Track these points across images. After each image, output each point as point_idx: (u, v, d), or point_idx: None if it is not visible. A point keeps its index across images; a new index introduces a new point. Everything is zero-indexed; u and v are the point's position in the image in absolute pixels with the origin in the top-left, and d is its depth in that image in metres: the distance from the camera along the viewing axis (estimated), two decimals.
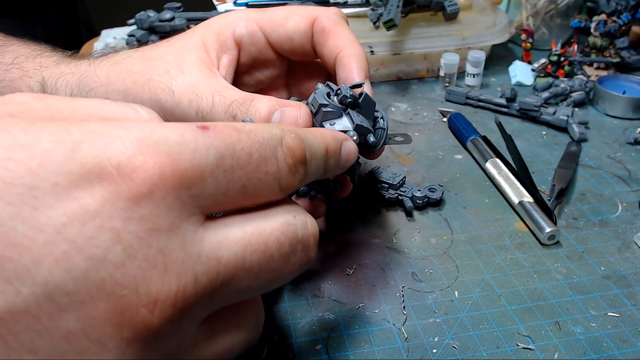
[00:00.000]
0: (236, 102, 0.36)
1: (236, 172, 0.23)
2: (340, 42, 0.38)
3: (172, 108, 0.37)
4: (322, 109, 0.34)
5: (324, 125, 0.34)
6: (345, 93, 0.34)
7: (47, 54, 0.43)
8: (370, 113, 0.37)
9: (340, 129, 0.34)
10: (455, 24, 0.72)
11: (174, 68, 0.38)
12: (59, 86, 0.40)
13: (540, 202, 0.48)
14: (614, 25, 0.72)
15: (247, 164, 0.23)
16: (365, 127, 0.35)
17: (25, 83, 0.41)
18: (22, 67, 0.42)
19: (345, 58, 0.38)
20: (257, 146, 0.24)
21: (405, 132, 0.62)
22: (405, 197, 0.49)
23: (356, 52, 0.38)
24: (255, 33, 0.40)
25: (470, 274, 0.43)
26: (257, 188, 0.24)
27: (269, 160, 0.24)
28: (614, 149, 0.59)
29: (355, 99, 0.35)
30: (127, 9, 0.86)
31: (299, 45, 0.40)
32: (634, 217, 0.49)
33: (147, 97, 0.37)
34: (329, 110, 0.34)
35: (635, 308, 0.40)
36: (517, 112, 0.64)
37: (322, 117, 0.34)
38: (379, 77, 0.74)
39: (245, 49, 0.40)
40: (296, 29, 0.39)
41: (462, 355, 0.36)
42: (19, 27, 0.87)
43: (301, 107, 0.35)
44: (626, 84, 0.68)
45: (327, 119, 0.34)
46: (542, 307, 0.40)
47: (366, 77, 0.38)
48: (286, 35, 0.40)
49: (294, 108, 0.35)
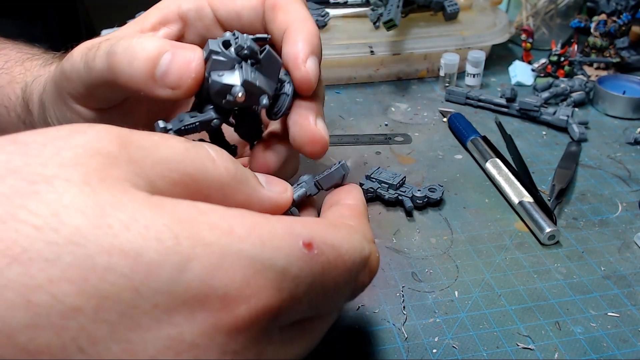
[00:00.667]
0: (118, 37, 0.32)
1: (320, 299, 0.23)
2: (289, 18, 0.34)
3: (70, 71, 0.33)
4: (213, 56, 0.30)
5: (211, 74, 0.30)
6: (241, 43, 0.30)
7: (36, 57, 0.43)
8: (273, 73, 0.32)
9: (227, 82, 0.30)
10: (455, 24, 0.72)
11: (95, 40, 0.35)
12: (33, 89, 0.39)
13: (540, 202, 0.48)
14: (614, 25, 0.72)
15: (332, 292, 0.24)
16: (256, 86, 0.30)
17: (12, 89, 0.41)
18: (10, 72, 0.42)
19: (292, 32, 0.34)
20: (347, 274, 0.24)
21: (405, 132, 0.62)
22: (405, 197, 0.49)
23: (306, 28, 0.34)
24: (202, 8, 0.36)
25: (470, 274, 0.43)
26: (330, 306, 0.25)
27: (351, 284, 0.25)
28: (614, 149, 0.59)
29: (254, 52, 0.30)
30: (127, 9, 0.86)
31: (248, 23, 0.36)
32: (634, 217, 0.49)
33: (58, 72, 0.35)
34: (219, 59, 0.30)
35: (635, 308, 0.40)
36: (517, 112, 0.64)
37: (211, 65, 0.30)
38: (379, 77, 0.74)
39: (191, 25, 0.37)
40: (245, 5, 0.36)
41: (462, 355, 0.36)
42: (19, 27, 0.87)
43: (196, 50, 0.31)
44: (626, 84, 0.68)
45: (216, 69, 0.30)
46: (542, 307, 0.40)
47: (313, 53, 0.33)
48: (235, 11, 0.36)
49: (188, 50, 0.31)
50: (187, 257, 0.18)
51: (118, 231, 0.18)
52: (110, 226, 0.18)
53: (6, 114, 0.41)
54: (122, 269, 0.18)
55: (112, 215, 0.18)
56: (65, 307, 0.17)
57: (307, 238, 0.22)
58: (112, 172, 0.20)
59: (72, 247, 0.17)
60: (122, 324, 0.17)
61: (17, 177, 0.18)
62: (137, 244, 0.18)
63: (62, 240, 0.17)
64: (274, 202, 0.28)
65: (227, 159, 0.25)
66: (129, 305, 0.18)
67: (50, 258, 0.17)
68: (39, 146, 0.20)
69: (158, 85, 0.31)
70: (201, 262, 0.19)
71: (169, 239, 0.18)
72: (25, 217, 0.17)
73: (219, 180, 0.24)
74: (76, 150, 0.20)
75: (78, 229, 0.18)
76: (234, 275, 0.19)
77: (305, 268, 0.22)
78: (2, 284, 0.17)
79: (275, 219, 0.22)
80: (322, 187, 0.33)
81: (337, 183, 0.33)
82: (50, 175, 0.19)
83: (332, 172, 0.33)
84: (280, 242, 0.21)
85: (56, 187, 0.18)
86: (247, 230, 0.20)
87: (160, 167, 0.22)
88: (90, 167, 0.20)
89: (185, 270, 0.18)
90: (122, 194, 0.19)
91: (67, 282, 0.17)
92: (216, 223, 0.20)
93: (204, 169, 0.24)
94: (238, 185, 0.25)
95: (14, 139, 0.20)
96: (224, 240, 0.20)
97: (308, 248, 0.22)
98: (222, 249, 0.19)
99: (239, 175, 0.25)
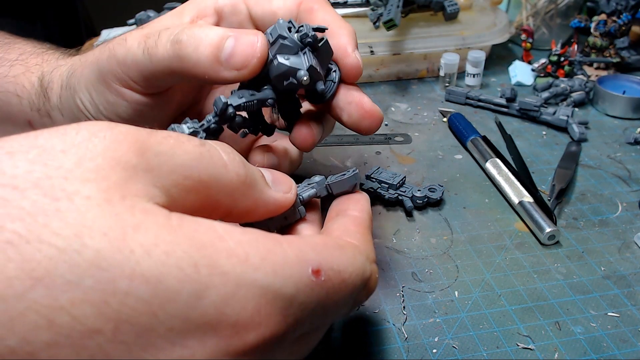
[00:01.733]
0: (182, 26, 0.34)
1: (320, 319, 0.25)
2: (328, 18, 0.37)
3: (124, 57, 0.35)
4: (280, 40, 0.33)
5: (277, 57, 0.33)
6: (307, 31, 0.33)
7: (51, 51, 0.44)
8: (325, 61, 0.35)
9: (293, 65, 0.32)
10: (455, 24, 0.72)
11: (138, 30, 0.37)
12: (53, 77, 0.40)
13: (540, 202, 0.48)
14: (614, 25, 0.72)
15: (332, 312, 0.25)
16: (318, 72, 0.33)
17: (27, 78, 0.41)
18: (25, 64, 0.42)
19: (336, 29, 0.37)
20: (348, 296, 0.25)
21: (405, 132, 0.62)
22: (405, 197, 0.49)
23: (347, 27, 0.37)
24: (237, 5, 0.39)
25: (470, 274, 0.43)
26: (327, 323, 0.26)
27: (349, 303, 0.27)
28: (614, 149, 0.59)
29: (316, 40, 0.33)
30: (127, 9, 0.86)
31: None
32: (634, 217, 0.49)
33: (105, 58, 0.36)
34: (286, 44, 0.33)
35: (635, 308, 0.40)
36: (517, 112, 0.64)
37: (278, 48, 0.33)
38: (379, 77, 0.74)
39: (226, 19, 0.39)
40: (281, 6, 0.38)
41: (462, 355, 0.36)
42: (19, 27, 0.87)
43: (259, 34, 0.33)
44: (626, 84, 0.68)
45: (282, 52, 0.33)
46: (542, 307, 0.40)
47: (355, 47, 0.37)
48: (270, 11, 0.38)
49: (251, 35, 0.33)
50: (204, 286, 0.19)
51: (140, 257, 0.18)
52: (132, 251, 0.18)
53: (18, 102, 0.42)
54: (142, 295, 0.18)
55: (134, 239, 0.19)
56: (85, 328, 0.17)
57: (316, 265, 0.23)
58: (132, 187, 0.20)
59: (94, 271, 0.18)
60: (138, 345, 0.18)
61: (39, 192, 0.19)
62: (158, 270, 0.19)
63: (85, 263, 0.18)
64: (279, 204, 0.29)
65: (238, 162, 0.26)
66: (146, 328, 0.18)
67: (72, 280, 0.18)
68: (59, 154, 0.20)
69: (223, 67, 0.33)
70: (217, 290, 0.20)
71: (189, 267, 0.19)
72: (48, 238, 0.18)
73: (229, 186, 0.25)
74: (96, 161, 0.20)
75: (100, 253, 0.18)
76: (247, 304, 0.20)
77: (312, 295, 0.23)
78: (26, 306, 0.17)
79: (287, 244, 0.23)
80: (332, 191, 0.34)
81: (347, 190, 0.34)
82: (71, 191, 0.19)
83: (345, 180, 0.34)
84: (290, 270, 0.22)
85: (78, 206, 0.19)
86: (261, 258, 0.21)
87: (175, 175, 0.22)
88: (111, 181, 0.20)
89: (202, 298, 0.19)
90: (143, 214, 0.20)
91: (88, 304, 0.18)
92: (233, 250, 0.21)
93: (217, 175, 0.24)
94: (247, 190, 0.26)
95: (34, 142, 0.20)
96: (239, 270, 0.20)
97: (316, 275, 0.23)
98: (237, 278, 0.20)
99: (248, 180, 0.26)
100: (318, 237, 0.26)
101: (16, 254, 0.17)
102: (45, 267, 0.17)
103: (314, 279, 0.23)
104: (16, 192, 0.18)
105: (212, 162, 0.24)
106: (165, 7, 0.73)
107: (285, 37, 0.33)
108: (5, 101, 0.42)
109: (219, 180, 0.24)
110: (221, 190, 0.25)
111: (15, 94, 0.42)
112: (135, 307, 0.18)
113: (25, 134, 0.21)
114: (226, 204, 0.25)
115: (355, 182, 0.34)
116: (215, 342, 0.20)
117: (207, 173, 0.24)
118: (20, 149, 0.20)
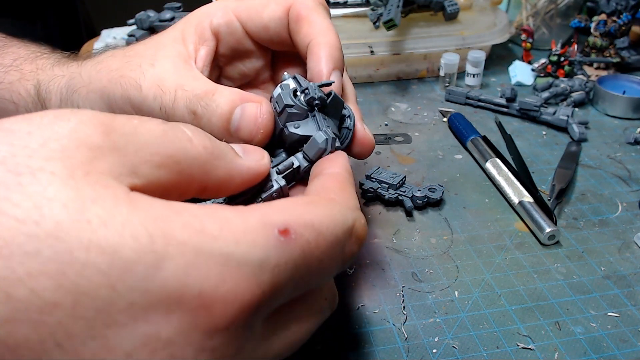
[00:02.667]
0: (197, 96, 0.35)
1: (305, 279, 0.23)
2: (312, 30, 0.37)
3: (139, 103, 0.36)
4: (287, 109, 0.32)
5: (287, 126, 0.33)
6: (312, 94, 0.32)
7: (46, 55, 0.43)
8: (337, 113, 0.35)
9: (305, 133, 0.32)
10: (455, 24, 0.72)
11: (146, 62, 0.37)
12: (51, 89, 0.40)
13: (540, 202, 0.48)
14: (614, 25, 0.72)
15: (317, 270, 0.24)
16: (333, 138, 0.33)
17: (22, 86, 0.41)
18: (20, 70, 0.42)
19: (316, 47, 0.36)
20: (330, 249, 0.24)
21: (405, 132, 0.62)
22: (405, 197, 0.49)
23: (328, 41, 0.36)
24: (232, 22, 0.39)
25: (470, 274, 0.43)
26: (319, 281, 0.25)
27: (338, 257, 0.25)
28: (614, 149, 0.59)
29: (323, 101, 0.33)
30: (127, 9, 0.86)
31: (275, 34, 0.39)
32: (634, 217, 0.49)
33: (119, 94, 0.36)
34: (294, 111, 0.32)
35: (635, 308, 0.40)
36: (517, 112, 0.64)
37: (286, 118, 0.33)
38: (379, 77, 0.74)
39: (224, 39, 0.39)
40: (272, 17, 0.38)
41: (462, 355, 0.36)
42: (18, 27, 0.87)
43: (262, 103, 0.34)
44: (626, 84, 0.68)
45: (291, 120, 0.33)
46: (542, 307, 0.40)
47: (336, 67, 0.36)
48: (262, 24, 0.38)
49: (254, 105, 0.33)
50: (161, 256, 0.19)
51: (96, 227, 0.18)
52: (89, 221, 0.18)
53: (15, 110, 0.41)
54: (99, 266, 0.18)
55: (91, 210, 0.18)
56: (43, 302, 0.17)
57: (282, 225, 0.22)
58: (97, 165, 0.20)
59: (52, 241, 0.18)
60: (99, 320, 0.18)
61: (3, 168, 0.19)
62: (114, 240, 0.18)
63: (43, 233, 0.18)
64: (253, 171, 0.29)
65: (204, 136, 0.26)
66: (106, 302, 0.18)
67: (30, 251, 0.17)
68: (25, 135, 0.20)
69: (234, 138, 0.33)
70: (175, 261, 0.19)
71: (144, 237, 0.19)
72: (8, 209, 0.18)
73: (198, 159, 0.25)
74: (62, 142, 0.20)
75: (59, 223, 0.18)
76: (208, 273, 0.19)
77: (284, 255, 0.22)
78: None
79: (248, 211, 0.22)
80: (309, 156, 0.33)
81: (322, 148, 0.33)
82: (35, 167, 0.19)
83: (314, 138, 0.33)
84: (254, 235, 0.21)
85: (40, 180, 0.19)
86: (220, 228, 0.21)
87: (142, 153, 0.22)
88: (76, 159, 0.20)
89: (160, 268, 0.18)
90: (104, 188, 0.20)
91: (46, 276, 0.17)
92: (188, 222, 0.20)
93: (183, 149, 0.24)
94: (216, 160, 0.26)
95: (0, 125, 0.20)
96: (196, 239, 0.20)
97: (284, 235, 0.22)
98: (195, 247, 0.19)
99: (216, 151, 0.26)
100: (286, 200, 0.25)
101: None
102: (3, 237, 0.17)
103: (283, 238, 0.22)
104: None
105: (176, 137, 0.24)
106: (165, 7, 0.73)
107: (291, 104, 0.32)
108: (2, 108, 0.42)
109: (187, 154, 0.24)
110: (192, 164, 0.24)
111: (11, 101, 0.41)
112: (93, 279, 0.18)
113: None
114: (199, 178, 0.25)
115: (326, 139, 0.32)
116: (181, 316, 0.19)
117: (174, 147, 0.24)
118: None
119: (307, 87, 0.33)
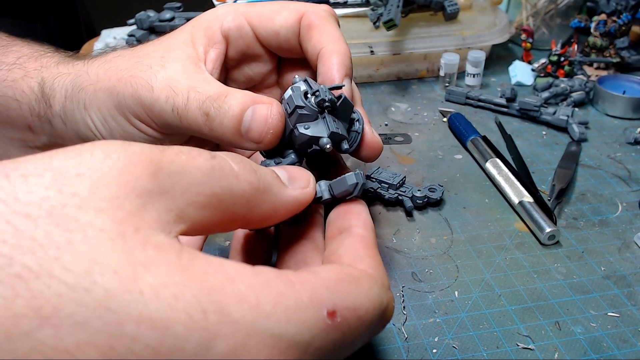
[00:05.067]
0: (210, 98, 0.35)
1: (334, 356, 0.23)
2: (324, 38, 0.37)
3: (150, 104, 0.36)
4: (298, 110, 0.33)
5: (297, 127, 0.33)
6: (323, 96, 0.33)
7: (49, 54, 0.43)
8: (347, 116, 0.36)
9: (314, 134, 0.33)
10: (455, 24, 0.72)
11: (157, 63, 0.37)
12: (55, 86, 0.40)
13: (540, 202, 0.48)
14: (614, 25, 0.72)
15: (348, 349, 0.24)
16: (339, 134, 0.34)
17: (26, 83, 0.41)
18: (24, 67, 0.42)
19: (327, 54, 0.37)
20: (364, 333, 0.24)
21: (405, 132, 0.62)
22: (405, 197, 0.49)
23: (339, 49, 0.37)
24: (243, 27, 0.39)
25: (470, 274, 0.43)
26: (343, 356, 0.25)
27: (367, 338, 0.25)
28: (614, 149, 0.59)
29: (334, 103, 0.33)
30: (127, 9, 0.86)
31: (285, 41, 0.40)
32: (634, 217, 0.49)
33: (129, 94, 0.37)
34: (304, 112, 0.33)
35: (635, 308, 0.40)
36: (517, 112, 0.64)
37: (296, 118, 0.33)
38: (379, 77, 0.74)
39: (233, 43, 0.40)
40: (283, 24, 0.39)
41: (462, 355, 0.36)
42: (18, 27, 0.87)
43: (272, 105, 0.34)
44: (626, 84, 0.68)
45: (301, 121, 0.33)
46: (542, 307, 0.40)
47: (346, 75, 0.37)
48: (273, 30, 0.39)
49: (265, 106, 0.34)
50: (213, 335, 0.19)
51: (148, 299, 0.18)
52: (142, 292, 0.18)
53: (18, 107, 0.41)
54: (148, 341, 0.17)
55: (143, 279, 0.18)
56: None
57: (331, 306, 0.22)
58: (146, 216, 0.20)
59: (102, 312, 0.17)
60: None
61: (53, 222, 0.18)
62: (166, 315, 0.18)
63: (93, 303, 0.17)
64: (299, 201, 0.29)
65: (249, 170, 0.25)
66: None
67: (80, 322, 0.17)
68: (74, 178, 0.19)
69: (244, 140, 0.34)
70: (227, 340, 0.19)
71: (197, 312, 0.18)
72: (59, 274, 0.17)
73: (243, 196, 0.25)
74: (111, 189, 0.20)
75: (109, 292, 0.17)
76: (258, 355, 0.19)
77: (328, 339, 0.22)
78: (31, 346, 0.16)
79: (300, 285, 0.22)
80: (334, 192, 0.33)
81: (349, 191, 0.33)
82: (85, 222, 0.19)
83: (345, 177, 0.32)
84: (304, 315, 0.21)
85: (91, 239, 0.18)
86: (274, 304, 0.21)
87: (189, 194, 0.22)
88: (125, 210, 0.20)
89: (211, 347, 0.18)
90: (155, 250, 0.19)
91: (94, 349, 0.17)
92: (244, 295, 0.20)
93: (229, 187, 0.24)
94: (262, 196, 0.26)
95: (49, 165, 0.20)
96: (250, 317, 0.20)
97: (331, 318, 0.22)
98: (248, 327, 0.19)
99: (262, 186, 0.26)
100: (331, 271, 0.25)
101: (25, 290, 0.17)
102: (53, 305, 0.17)
103: (330, 322, 0.22)
104: (29, 222, 0.18)
105: (223, 174, 0.24)
106: (165, 7, 0.73)
107: (302, 106, 0.33)
108: (5, 105, 0.42)
109: (232, 192, 0.24)
110: (237, 201, 0.24)
111: (15, 98, 0.41)
112: (141, 354, 0.17)
113: (41, 154, 0.20)
114: (242, 214, 0.25)
115: (357, 182, 0.32)
116: None
117: (220, 186, 0.23)
118: (34, 172, 0.19)
119: (318, 89, 0.34)
